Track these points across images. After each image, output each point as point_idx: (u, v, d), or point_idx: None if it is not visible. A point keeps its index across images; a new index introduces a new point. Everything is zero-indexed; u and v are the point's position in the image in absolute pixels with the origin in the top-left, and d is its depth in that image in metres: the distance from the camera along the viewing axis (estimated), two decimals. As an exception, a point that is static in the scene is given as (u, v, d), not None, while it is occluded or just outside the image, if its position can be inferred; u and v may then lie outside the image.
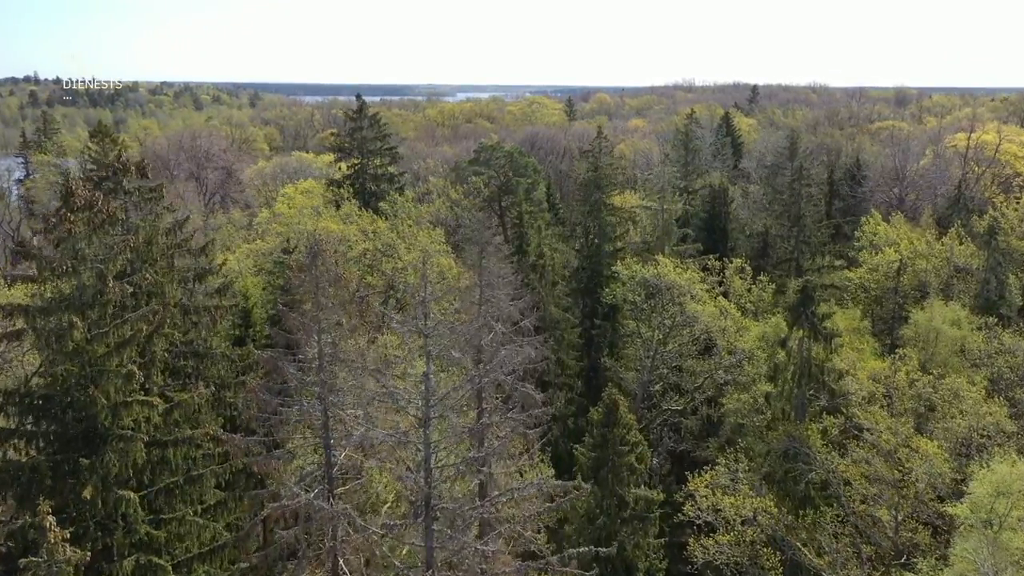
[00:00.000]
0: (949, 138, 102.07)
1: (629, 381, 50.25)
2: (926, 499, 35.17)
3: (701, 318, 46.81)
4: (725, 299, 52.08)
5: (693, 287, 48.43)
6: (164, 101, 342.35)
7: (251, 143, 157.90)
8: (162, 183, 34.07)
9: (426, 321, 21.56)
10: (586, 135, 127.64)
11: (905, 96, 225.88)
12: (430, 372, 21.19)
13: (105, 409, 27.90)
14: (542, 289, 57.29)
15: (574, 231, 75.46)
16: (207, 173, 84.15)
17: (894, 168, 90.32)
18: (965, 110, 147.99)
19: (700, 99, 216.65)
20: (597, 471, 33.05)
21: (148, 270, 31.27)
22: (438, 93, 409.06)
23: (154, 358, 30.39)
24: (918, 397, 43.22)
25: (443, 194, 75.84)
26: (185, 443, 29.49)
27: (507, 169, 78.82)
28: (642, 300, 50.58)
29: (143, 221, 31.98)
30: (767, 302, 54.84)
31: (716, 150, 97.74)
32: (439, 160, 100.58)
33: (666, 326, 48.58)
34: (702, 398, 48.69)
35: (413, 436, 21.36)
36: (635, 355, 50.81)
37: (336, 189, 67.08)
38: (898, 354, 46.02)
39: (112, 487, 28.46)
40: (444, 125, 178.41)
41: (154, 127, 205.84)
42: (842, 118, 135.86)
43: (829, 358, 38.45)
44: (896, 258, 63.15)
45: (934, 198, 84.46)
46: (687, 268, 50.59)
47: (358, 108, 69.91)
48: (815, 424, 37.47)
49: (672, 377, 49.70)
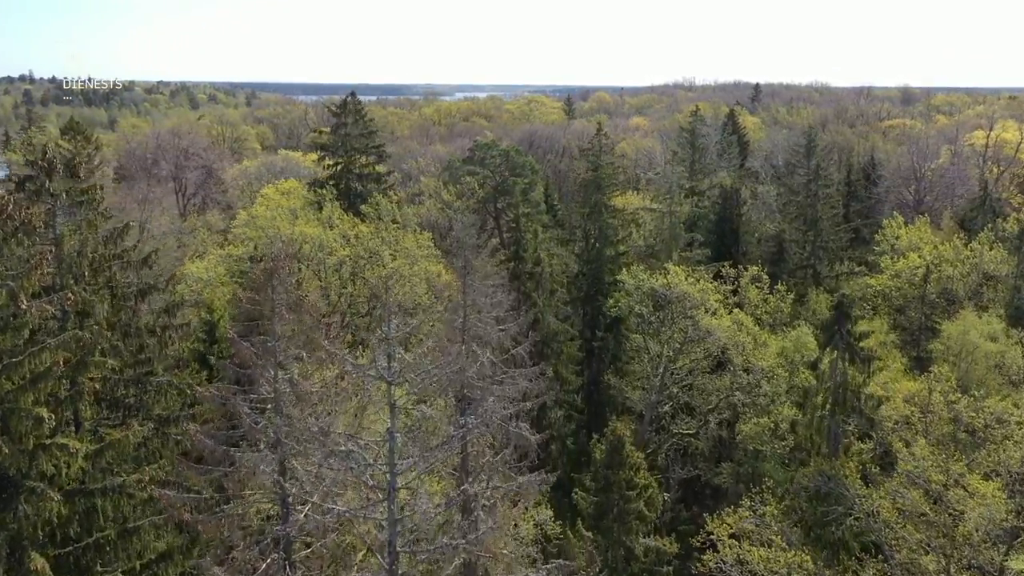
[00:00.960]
0: (966, 136, 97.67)
1: (635, 401, 45.68)
2: (981, 547, 30.60)
3: (716, 333, 42.22)
4: (740, 311, 47.48)
5: (707, 298, 43.78)
6: (160, 100, 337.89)
7: (243, 142, 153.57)
8: (96, 184, 29.33)
9: (390, 364, 16.91)
10: (586, 133, 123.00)
11: (910, 95, 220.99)
12: (395, 430, 16.58)
13: (16, 455, 23.32)
14: (539, 299, 52.80)
15: (573, 234, 70.95)
16: (186, 173, 79.40)
17: (909, 168, 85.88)
18: (977, 108, 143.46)
19: (701, 98, 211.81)
20: (600, 518, 28.59)
21: (76, 287, 26.61)
22: (436, 93, 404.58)
23: (82, 390, 25.77)
24: (956, 421, 38.72)
25: (435, 195, 71.19)
26: (115, 492, 24.87)
27: (503, 168, 74.22)
28: (650, 312, 45.97)
29: (71, 229, 27.30)
30: (785, 313, 50.26)
31: (722, 149, 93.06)
32: (431, 159, 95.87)
33: (677, 341, 44.01)
34: (716, 421, 44.13)
35: (375, 511, 16.80)
36: (642, 372, 46.21)
37: (318, 190, 62.49)
38: (933, 373, 41.52)
39: (27, 547, 23.89)
40: (440, 124, 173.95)
41: (144, 126, 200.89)
42: (851, 116, 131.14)
43: (866, 382, 33.85)
44: (921, 264, 58.64)
45: (953, 199, 79.99)
46: (700, 277, 45.91)
47: (342, 103, 65.23)
48: (851, 459, 32.84)
49: (683, 397, 45.13)
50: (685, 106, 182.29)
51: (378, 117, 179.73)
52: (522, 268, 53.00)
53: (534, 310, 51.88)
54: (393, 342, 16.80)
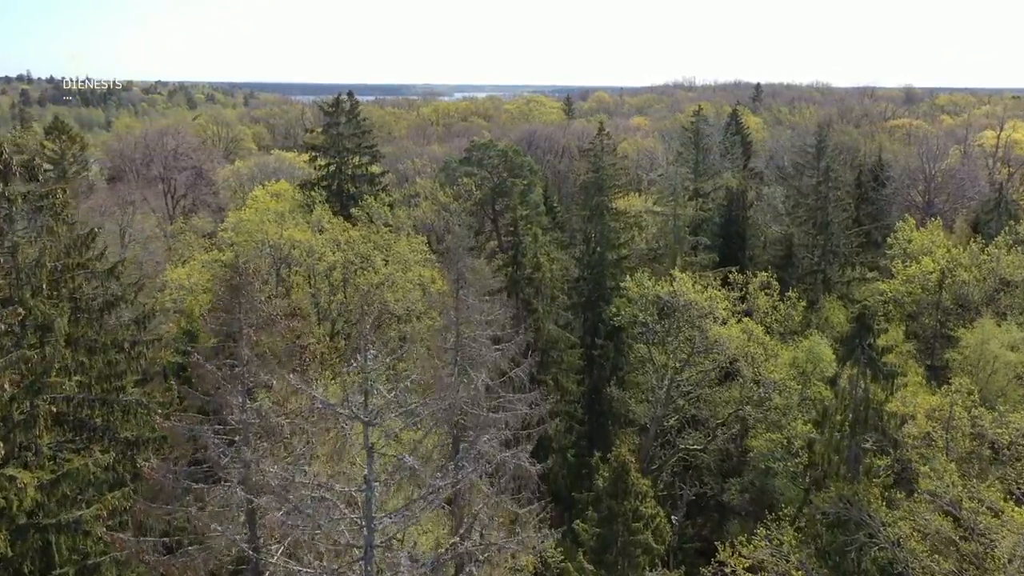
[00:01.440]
0: (975, 136, 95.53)
1: (640, 415, 43.43)
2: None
3: (727, 344, 39.95)
4: (749, 319, 45.21)
5: (716, 307, 41.50)
6: (157, 100, 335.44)
7: (239, 142, 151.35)
8: (59, 188, 27.02)
9: (367, 402, 14.54)
10: (586, 133, 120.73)
11: (913, 95, 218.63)
12: (373, 478, 14.17)
13: (-41, 488, 21.10)
14: (539, 305, 50.57)
15: (573, 237, 68.70)
16: (175, 174, 77.02)
17: (918, 169, 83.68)
18: (983, 108, 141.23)
19: (701, 98, 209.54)
20: (603, 551, 26.30)
21: (33, 300, 24.35)
22: (435, 93, 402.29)
23: (37, 414, 23.51)
24: (979, 437, 36.49)
25: (431, 196, 68.90)
26: (72, 528, 22.62)
27: (501, 169, 72.02)
28: (654, 321, 43.69)
29: (30, 236, 25.03)
30: (796, 321, 47.99)
31: (725, 149, 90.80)
32: (428, 159, 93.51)
33: (684, 352, 41.76)
34: (725, 436, 41.90)
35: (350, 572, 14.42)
36: (646, 384, 43.94)
37: (309, 191, 60.19)
38: (953, 385, 39.26)
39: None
40: (438, 124, 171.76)
41: (139, 126, 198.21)
42: (855, 116, 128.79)
43: (888, 399, 31.59)
44: (935, 269, 56.41)
45: (964, 201, 77.77)
46: (707, 284, 43.61)
47: (334, 102, 62.87)
48: (873, 483, 30.57)
49: (690, 409, 42.87)
50: (686, 106, 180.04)
51: (375, 117, 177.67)
52: (521, 274, 50.81)
53: (534, 318, 49.76)
54: (372, 375, 14.45)
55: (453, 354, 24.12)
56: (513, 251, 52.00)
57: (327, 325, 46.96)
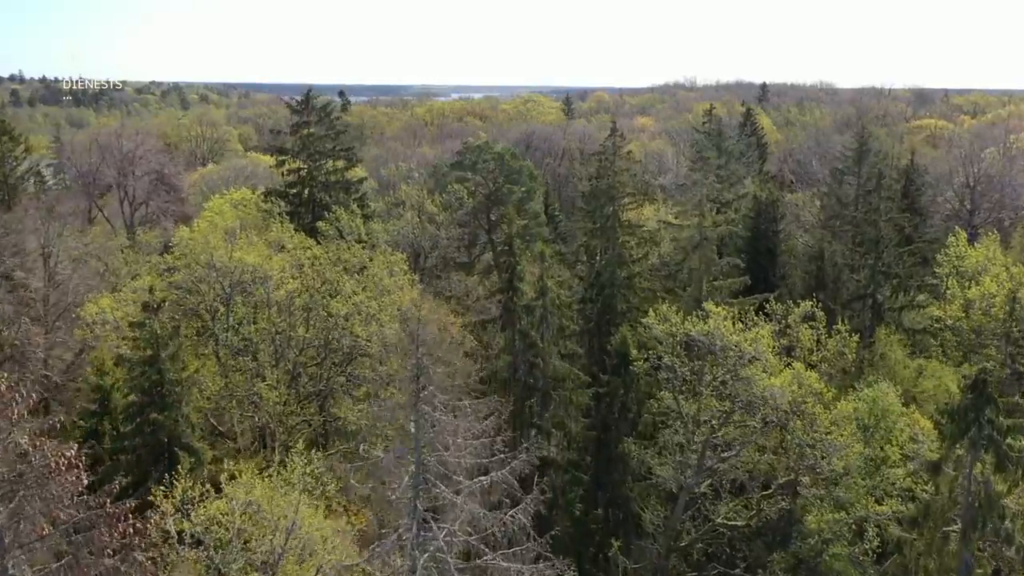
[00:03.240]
0: (1013, 138, 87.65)
1: (665, 478, 35.37)
2: None
3: (779, 396, 31.89)
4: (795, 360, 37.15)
5: (762, 351, 33.35)
6: (150, 100, 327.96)
7: (224, 143, 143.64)
8: None
9: None
10: (587, 134, 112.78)
11: (924, 95, 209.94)
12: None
13: None
14: (542, 336, 42.65)
15: (577, 252, 60.69)
16: (131, 180, 68.79)
17: (947, 174, 75.82)
18: (1009, 107, 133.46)
19: (703, 98, 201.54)
20: None
21: None
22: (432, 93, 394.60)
23: None
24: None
25: (416, 206, 60.73)
26: None
27: (497, 174, 63.92)
28: (682, 364, 35.62)
29: None
30: (850, 360, 40.02)
31: (740, 152, 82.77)
32: (418, 163, 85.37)
33: (722, 408, 33.74)
34: (772, 510, 33.86)
35: None
36: (673, 441, 35.88)
37: (275, 200, 52.11)
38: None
39: None
40: (432, 124, 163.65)
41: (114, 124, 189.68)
42: (875, 116, 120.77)
43: (1011, 491, 23.59)
44: (1001, 292, 48.53)
45: (1012, 211, 69.89)
46: (749, 321, 35.45)
47: (303, 99, 54.59)
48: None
49: (729, 473, 34.84)
50: (691, 105, 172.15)
51: (367, 117, 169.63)
52: (517, 302, 42.84)
53: (534, 353, 41.98)
54: None
55: (410, 499, 15.81)
56: (508, 275, 44.10)
57: (285, 366, 38.73)
